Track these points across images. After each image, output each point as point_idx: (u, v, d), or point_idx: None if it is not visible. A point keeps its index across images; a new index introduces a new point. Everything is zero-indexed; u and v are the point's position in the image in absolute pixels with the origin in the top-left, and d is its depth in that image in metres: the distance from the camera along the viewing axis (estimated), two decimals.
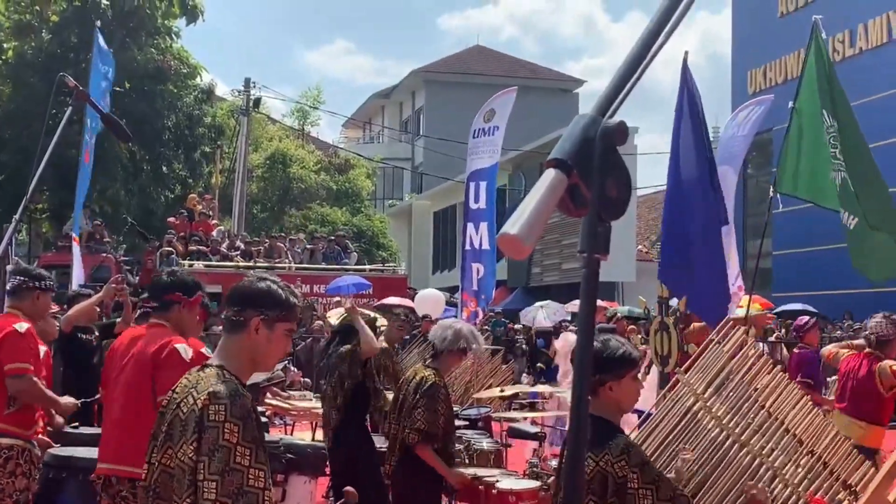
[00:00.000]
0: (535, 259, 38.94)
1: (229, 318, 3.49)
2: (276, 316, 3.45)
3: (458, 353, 6.80)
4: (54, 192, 32.17)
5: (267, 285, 3.49)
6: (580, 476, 1.53)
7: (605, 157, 1.48)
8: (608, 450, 4.01)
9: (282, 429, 12.13)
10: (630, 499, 3.99)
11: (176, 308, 5.43)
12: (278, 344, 3.50)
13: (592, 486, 3.99)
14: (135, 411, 5.21)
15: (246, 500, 3.13)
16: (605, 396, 4.14)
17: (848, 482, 5.09)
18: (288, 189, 43.64)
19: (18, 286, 6.21)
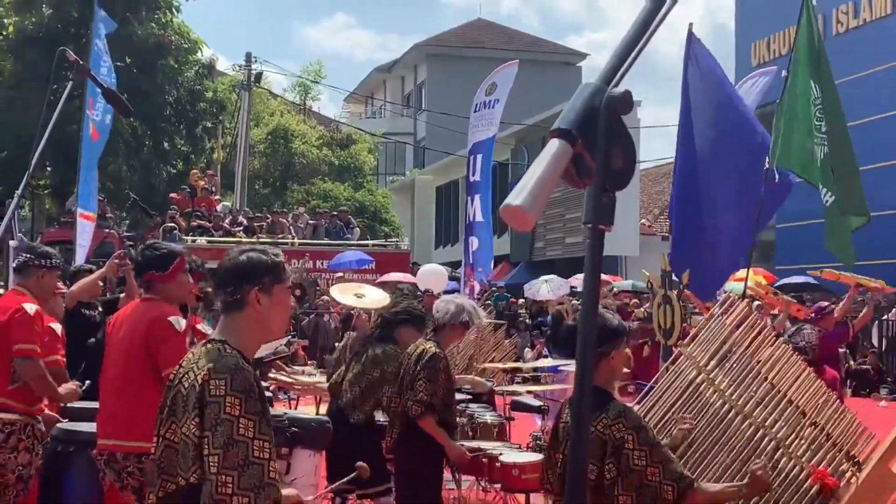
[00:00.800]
0: (539, 233, 38.89)
1: (226, 301, 3.46)
2: (272, 280, 3.44)
3: (459, 326, 6.81)
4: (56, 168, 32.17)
5: (248, 256, 3.46)
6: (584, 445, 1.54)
7: (610, 126, 1.47)
8: (605, 413, 4.21)
9: (286, 403, 12.18)
10: (625, 459, 4.14)
11: (156, 285, 5.45)
12: (282, 306, 3.51)
13: (591, 450, 4.14)
14: (133, 386, 5.24)
15: (251, 471, 3.14)
16: (604, 367, 4.38)
17: (851, 453, 5.10)
18: (290, 164, 43.59)
19: (24, 264, 6.22)
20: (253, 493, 3.13)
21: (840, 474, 4.99)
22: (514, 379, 11.20)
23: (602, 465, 4.19)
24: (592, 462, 4.17)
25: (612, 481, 4.16)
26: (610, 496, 4.17)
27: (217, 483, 3.11)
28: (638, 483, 4.15)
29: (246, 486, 3.12)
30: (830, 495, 4.87)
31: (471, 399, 9.21)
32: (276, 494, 3.19)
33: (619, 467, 4.17)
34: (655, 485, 4.14)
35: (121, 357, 5.36)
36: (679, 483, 4.18)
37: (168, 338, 5.20)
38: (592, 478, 4.18)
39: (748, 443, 5.10)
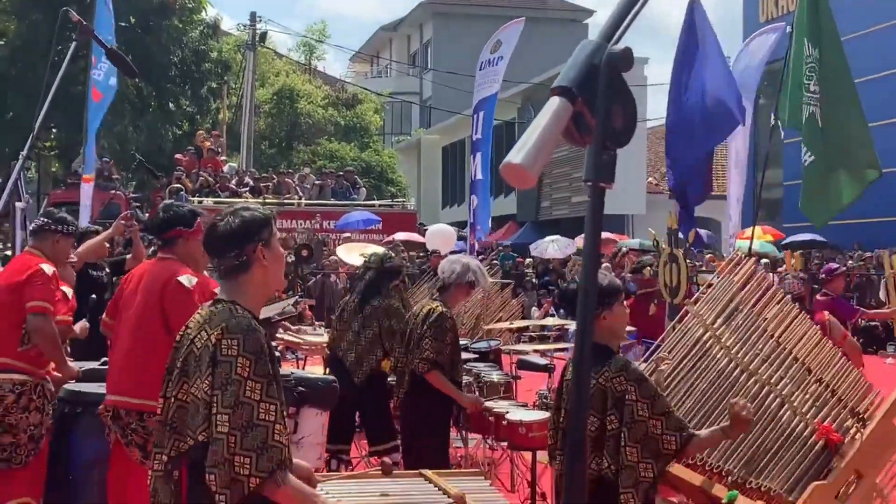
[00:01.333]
0: (545, 193, 38.83)
1: (231, 265, 3.43)
2: (268, 233, 3.47)
3: (465, 286, 6.84)
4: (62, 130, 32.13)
5: (241, 217, 3.46)
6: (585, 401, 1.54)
7: (610, 84, 1.47)
8: (607, 367, 4.30)
9: (294, 363, 12.22)
10: (629, 411, 4.22)
11: (180, 242, 5.47)
12: (280, 256, 3.54)
13: (593, 403, 4.24)
14: (144, 345, 5.27)
15: (255, 433, 3.16)
16: (600, 326, 4.41)
17: (856, 409, 5.12)
18: (296, 125, 43.48)
19: (41, 227, 6.25)
20: (255, 454, 3.15)
21: (845, 430, 5.01)
22: (521, 338, 11.24)
23: (604, 417, 4.26)
24: (593, 414, 4.24)
25: (613, 433, 4.22)
26: (611, 447, 4.22)
27: (226, 443, 3.13)
28: (642, 435, 4.21)
29: (248, 447, 3.14)
30: (835, 451, 4.90)
31: (477, 358, 9.24)
32: (280, 456, 3.20)
33: (623, 419, 4.22)
34: (657, 436, 4.21)
35: (133, 316, 5.39)
36: (680, 434, 4.23)
37: (179, 298, 5.23)
38: (593, 430, 4.24)
39: (754, 399, 5.12)
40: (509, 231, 40.49)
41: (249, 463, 3.14)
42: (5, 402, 5.84)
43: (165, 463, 3.37)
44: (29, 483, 5.94)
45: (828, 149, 8.31)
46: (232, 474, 3.12)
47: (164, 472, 3.37)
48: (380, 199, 32.88)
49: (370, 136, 46.62)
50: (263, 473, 3.15)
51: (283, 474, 3.21)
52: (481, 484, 4.63)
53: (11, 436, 5.85)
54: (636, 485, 4.20)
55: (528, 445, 6.91)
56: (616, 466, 4.22)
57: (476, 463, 8.27)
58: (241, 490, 3.13)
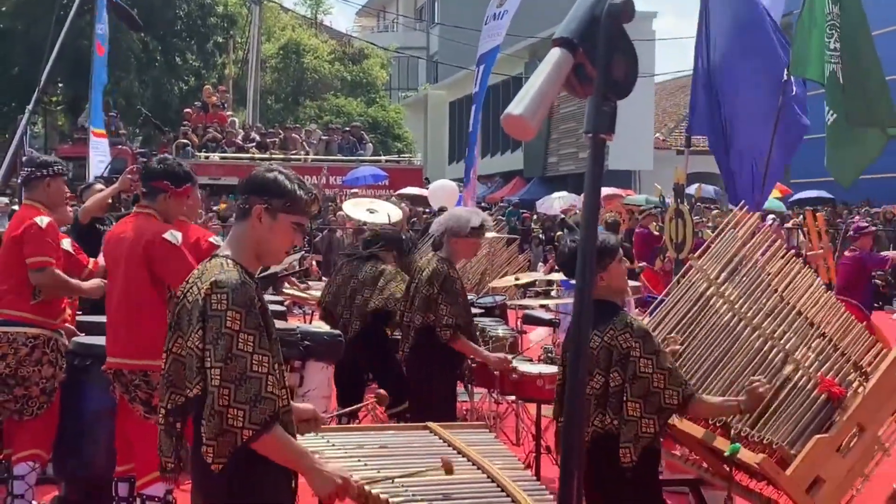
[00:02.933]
0: (551, 148, 38.71)
1: (238, 206, 3.51)
2: (280, 206, 3.40)
3: (461, 239, 6.68)
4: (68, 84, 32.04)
5: (275, 175, 3.44)
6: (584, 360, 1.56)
7: (611, 35, 1.47)
8: (612, 324, 4.31)
9: (300, 318, 12.28)
10: (632, 367, 4.25)
11: (162, 197, 5.46)
12: (282, 235, 3.45)
13: (599, 361, 4.27)
14: (134, 306, 5.31)
15: (248, 386, 3.17)
16: (598, 286, 4.38)
17: (859, 363, 5.14)
18: (302, 80, 43.30)
19: (27, 178, 6.21)
20: (248, 406, 3.16)
21: (847, 384, 5.03)
22: (526, 293, 11.26)
23: (607, 375, 4.29)
24: (599, 372, 4.26)
25: (616, 389, 4.25)
26: (615, 404, 4.25)
27: (217, 395, 3.15)
28: (645, 390, 4.24)
29: (242, 399, 3.15)
30: (837, 405, 4.93)
31: (483, 313, 9.27)
32: (273, 408, 3.22)
33: (626, 375, 4.25)
34: (660, 391, 4.24)
35: (119, 277, 5.41)
36: (683, 389, 4.26)
37: (169, 256, 5.24)
38: (597, 387, 4.26)
39: (756, 353, 5.15)
40: (516, 187, 40.43)
41: (242, 415, 3.15)
42: (19, 355, 5.89)
43: (165, 416, 3.41)
44: (39, 435, 5.99)
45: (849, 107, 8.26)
46: (224, 426, 3.14)
47: (166, 425, 3.42)
48: (386, 154, 32.82)
49: (377, 91, 46.44)
50: (256, 426, 3.17)
51: (275, 427, 3.23)
52: (486, 437, 4.66)
53: (24, 388, 5.90)
54: (636, 440, 4.23)
55: (539, 396, 6.95)
56: (619, 421, 4.25)
57: (481, 417, 8.34)
58: (233, 442, 3.16)
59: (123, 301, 5.37)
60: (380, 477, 3.82)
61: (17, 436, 6.00)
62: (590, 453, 4.25)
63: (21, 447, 5.96)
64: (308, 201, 3.48)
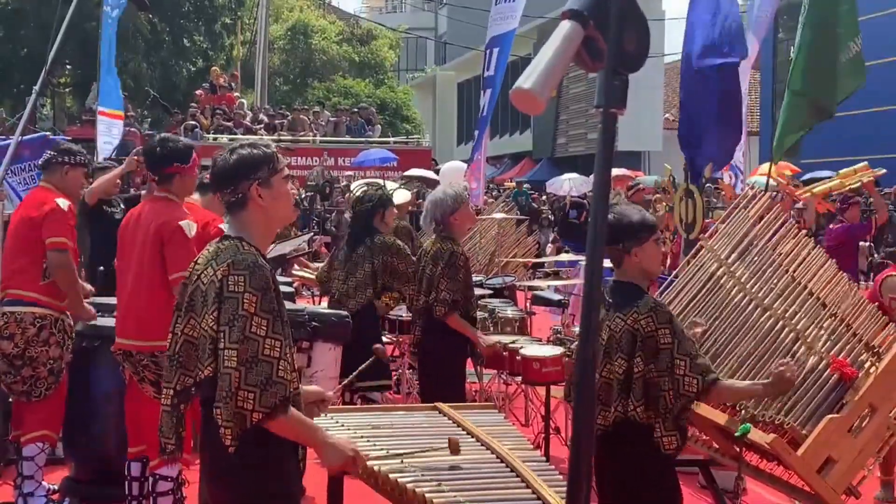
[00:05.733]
0: (561, 129, 38.61)
1: (228, 202, 3.46)
2: (267, 172, 3.43)
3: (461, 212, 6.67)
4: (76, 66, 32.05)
5: (239, 154, 3.44)
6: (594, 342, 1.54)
7: (622, 7, 1.44)
8: (636, 308, 4.19)
9: (309, 299, 12.28)
10: (664, 355, 4.14)
11: (176, 179, 5.48)
12: (283, 196, 3.50)
13: (622, 345, 4.17)
14: (146, 287, 5.32)
15: (259, 369, 3.18)
16: (629, 263, 4.33)
17: (871, 344, 5.10)
18: (310, 61, 43.24)
19: (49, 160, 6.24)
20: (259, 390, 3.17)
21: (859, 364, 5.00)
22: (536, 274, 11.24)
23: (631, 360, 4.17)
24: (622, 357, 4.16)
25: (640, 374, 4.13)
26: (638, 390, 4.14)
27: (233, 377, 3.16)
28: (672, 377, 4.13)
29: (252, 382, 3.17)
30: (849, 385, 4.90)
31: (492, 294, 9.26)
32: (284, 392, 3.22)
33: (654, 361, 4.14)
34: (679, 377, 4.12)
35: (133, 259, 5.42)
36: (704, 377, 4.15)
37: (180, 243, 5.26)
38: (620, 372, 4.16)
39: (768, 334, 5.12)
40: (525, 168, 40.36)
41: (253, 398, 3.17)
42: (27, 335, 5.90)
43: (172, 397, 3.41)
44: (48, 416, 6.02)
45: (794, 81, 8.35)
46: (235, 408, 3.16)
47: (171, 406, 3.42)
48: (395, 136, 32.75)
49: (385, 72, 46.35)
50: (267, 409, 3.18)
51: (286, 410, 3.24)
52: (495, 417, 4.66)
53: (31, 369, 5.92)
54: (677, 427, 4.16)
55: (542, 380, 6.95)
56: (645, 408, 4.14)
57: (490, 397, 8.34)
58: (243, 423, 3.17)
59: (136, 283, 5.37)
60: (389, 456, 3.82)
61: (25, 417, 6.03)
62: (612, 439, 4.18)
63: (30, 428, 5.98)
64: (275, 150, 3.53)
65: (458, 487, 3.63)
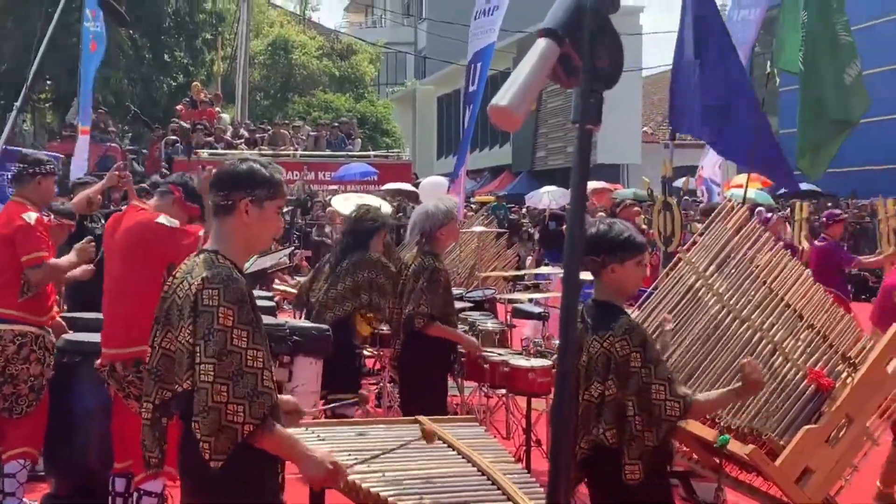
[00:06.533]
0: (540, 143, 38.73)
1: (217, 203, 3.47)
2: (265, 195, 3.44)
3: (449, 227, 6.75)
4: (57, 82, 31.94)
5: (249, 166, 3.46)
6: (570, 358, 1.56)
7: (597, 25, 1.47)
8: (612, 331, 4.06)
9: (290, 313, 12.26)
10: (635, 378, 4.02)
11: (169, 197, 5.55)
12: (270, 223, 3.51)
13: (597, 368, 4.03)
14: (130, 292, 5.35)
15: (245, 381, 3.19)
16: (606, 278, 4.20)
17: (847, 355, 5.15)
18: (290, 76, 43.24)
19: (19, 173, 6.23)
20: (247, 402, 3.18)
21: (836, 375, 5.04)
22: (516, 287, 11.28)
23: (605, 383, 4.04)
24: (598, 380, 4.04)
25: (611, 399, 4.02)
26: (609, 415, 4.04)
27: (211, 392, 3.16)
28: (648, 402, 4.03)
29: (240, 395, 3.17)
30: (826, 396, 4.94)
31: (472, 307, 9.28)
32: (271, 402, 3.24)
33: (627, 386, 4.03)
34: (660, 402, 4.02)
35: (116, 264, 5.45)
36: (684, 400, 4.06)
37: (168, 235, 5.30)
38: (596, 395, 4.04)
39: (746, 346, 5.15)
40: (504, 181, 40.43)
41: (243, 410, 3.16)
42: (7, 353, 5.88)
43: (152, 411, 3.41)
44: (29, 433, 6.00)
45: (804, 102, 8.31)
46: (224, 422, 3.15)
47: (152, 420, 3.42)
48: (375, 150, 32.77)
49: (365, 86, 46.37)
50: (257, 420, 3.18)
51: (273, 421, 3.25)
52: (476, 430, 4.66)
53: (12, 386, 5.90)
54: (643, 455, 4.01)
55: (529, 390, 6.97)
56: (618, 433, 4.02)
57: (472, 410, 8.34)
58: (234, 437, 3.17)
59: (118, 290, 5.42)
60: (370, 470, 3.82)
61: (7, 434, 6.00)
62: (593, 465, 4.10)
63: (11, 445, 5.95)
64: (283, 182, 3.56)
65: (439, 500, 3.64)
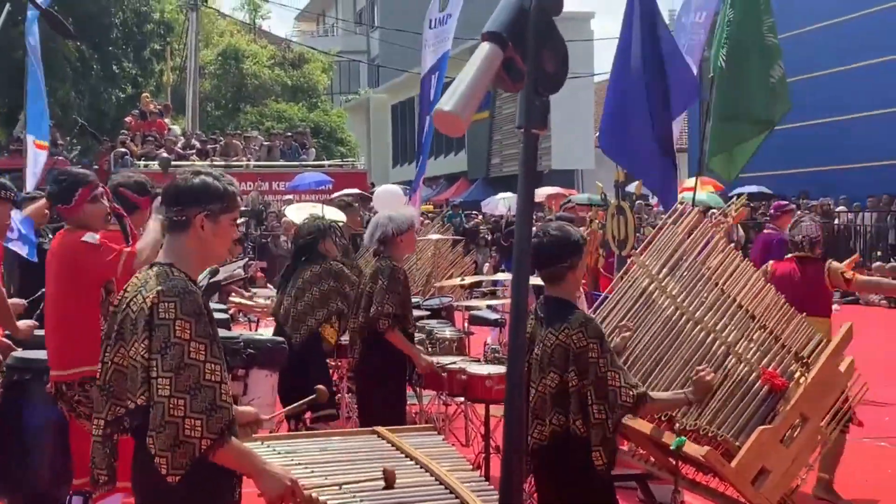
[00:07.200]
0: (495, 150, 38.85)
1: (171, 219, 3.43)
2: (219, 209, 3.40)
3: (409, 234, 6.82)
4: (4, 96, 31.52)
5: (202, 180, 3.42)
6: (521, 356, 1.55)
7: (541, 28, 1.46)
8: (567, 324, 4.27)
9: (246, 326, 12.18)
10: (593, 368, 4.22)
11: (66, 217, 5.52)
12: (225, 236, 3.47)
13: (554, 360, 4.25)
14: (65, 315, 5.32)
15: (203, 394, 3.14)
16: (571, 278, 4.46)
17: (800, 354, 5.20)
18: (242, 86, 42.95)
19: None
20: (205, 416, 3.14)
21: (789, 375, 5.09)
22: (472, 294, 11.27)
23: (563, 374, 4.26)
24: (553, 371, 4.25)
25: (575, 389, 4.22)
26: (576, 405, 4.23)
27: (168, 406, 3.11)
28: (605, 390, 4.22)
29: (198, 409, 3.13)
30: (780, 396, 4.98)
31: (429, 315, 9.25)
32: (228, 416, 3.20)
33: (586, 376, 4.22)
34: (616, 389, 4.22)
35: (50, 289, 5.45)
36: (636, 389, 4.26)
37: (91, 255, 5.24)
38: (553, 386, 4.25)
39: (699, 347, 5.19)
40: (460, 188, 40.49)
41: (200, 425, 3.12)
42: None
43: (104, 427, 3.36)
44: None
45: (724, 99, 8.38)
46: (181, 437, 3.10)
47: (103, 437, 3.36)
48: (329, 159, 32.66)
49: (318, 96, 46.19)
50: (214, 435, 3.14)
51: (230, 436, 3.21)
52: (434, 439, 4.64)
53: None
54: (605, 442, 4.21)
55: (487, 397, 6.94)
56: (584, 422, 4.22)
57: (431, 419, 8.32)
58: (191, 452, 3.12)
59: (54, 312, 5.40)
60: (327, 483, 3.78)
61: None
62: (549, 452, 4.27)
63: None
64: (237, 194, 3.52)
65: None
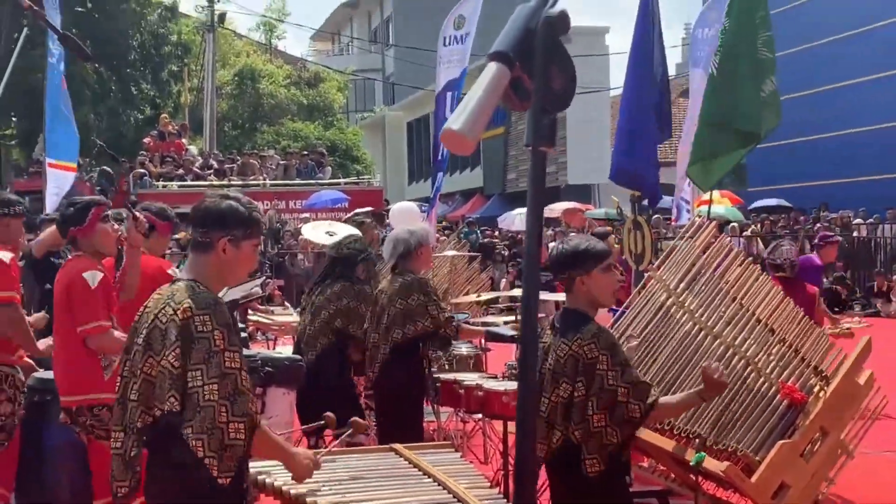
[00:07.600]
0: (511, 165, 38.87)
1: (196, 239, 3.55)
2: (242, 234, 3.51)
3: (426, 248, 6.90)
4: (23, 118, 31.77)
5: (229, 205, 3.52)
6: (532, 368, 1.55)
7: (548, 47, 1.46)
8: (580, 334, 4.27)
9: (264, 344, 12.20)
10: (599, 380, 4.22)
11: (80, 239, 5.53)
12: (246, 261, 3.59)
13: (566, 370, 4.25)
14: (64, 343, 5.40)
15: (241, 400, 3.32)
16: (578, 290, 4.42)
17: (819, 368, 5.17)
18: (258, 105, 43.16)
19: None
20: (247, 419, 3.33)
21: (809, 389, 5.06)
22: (489, 310, 11.26)
23: (573, 384, 4.26)
24: (566, 381, 4.25)
25: (580, 399, 4.22)
26: (577, 414, 4.23)
27: (217, 412, 3.26)
28: (611, 402, 4.21)
29: (238, 413, 3.30)
30: (800, 410, 4.95)
31: None
32: (256, 420, 3.41)
33: (591, 386, 4.22)
34: (624, 403, 4.21)
35: (54, 316, 5.53)
36: (645, 403, 4.24)
37: (83, 296, 5.30)
38: (565, 396, 4.25)
39: (718, 362, 5.16)
40: (476, 204, 40.51)
41: (243, 428, 3.31)
42: None
43: (123, 439, 3.45)
44: (0, 473, 5.91)
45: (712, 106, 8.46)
46: (227, 441, 3.26)
47: (124, 448, 3.45)
48: (345, 177, 32.73)
49: (334, 114, 46.34)
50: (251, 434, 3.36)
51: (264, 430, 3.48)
52: (452, 456, 4.65)
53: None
54: (601, 449, 4.21)
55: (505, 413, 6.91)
56: (581, 431, 4.23)
57: (448, 436, 8.30)
58: (239, 454, 3.31)
59: (57, 340, 5.51)
60: (344, 501, 3.79)
61: None
62: (561, 461, 4.27)
63: None
64: (261, 221, 3.67)
65: None
